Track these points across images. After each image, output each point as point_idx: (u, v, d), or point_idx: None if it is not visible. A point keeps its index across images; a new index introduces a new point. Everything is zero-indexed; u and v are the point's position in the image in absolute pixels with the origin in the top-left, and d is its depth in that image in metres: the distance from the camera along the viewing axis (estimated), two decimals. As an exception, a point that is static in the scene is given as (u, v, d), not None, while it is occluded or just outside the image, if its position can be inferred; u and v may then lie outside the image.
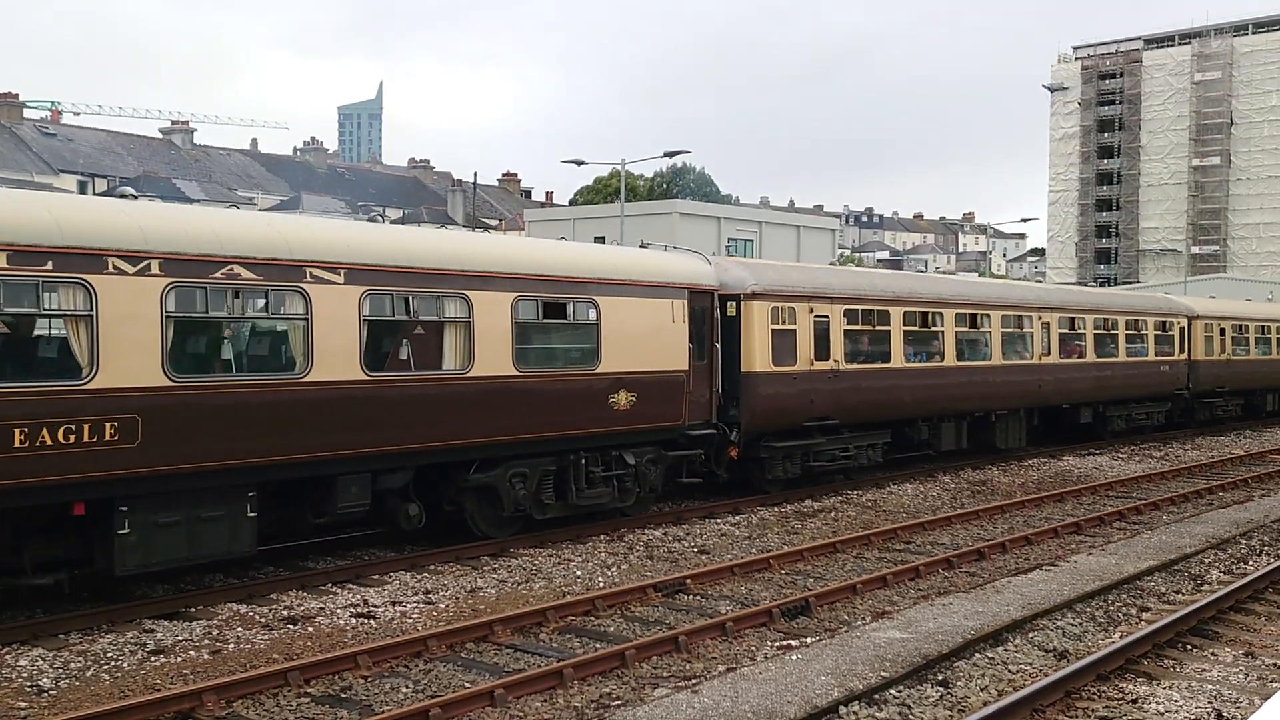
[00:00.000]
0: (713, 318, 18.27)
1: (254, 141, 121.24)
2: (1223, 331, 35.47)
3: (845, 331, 20.84)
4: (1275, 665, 10.56)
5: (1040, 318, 27.05)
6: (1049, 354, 27.22)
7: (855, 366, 21.17)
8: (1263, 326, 39.32)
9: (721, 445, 18.79)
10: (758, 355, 19.08)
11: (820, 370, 20.23)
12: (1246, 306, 42.15)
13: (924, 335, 23.37)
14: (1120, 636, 11.35)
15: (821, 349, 20.27)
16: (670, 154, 48.55)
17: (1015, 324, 26.30)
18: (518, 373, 15.00)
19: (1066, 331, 28.19)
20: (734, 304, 18.95)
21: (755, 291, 19.17)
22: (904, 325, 22.50)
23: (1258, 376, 38.69)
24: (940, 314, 23.66)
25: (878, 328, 21.88)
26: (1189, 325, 33.73)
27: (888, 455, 22.72)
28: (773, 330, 19.33)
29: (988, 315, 25.21)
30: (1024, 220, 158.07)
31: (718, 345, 18.34)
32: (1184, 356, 33.10)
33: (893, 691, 9.49)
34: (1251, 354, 37.54)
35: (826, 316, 20.46)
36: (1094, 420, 30.02)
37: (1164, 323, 32.32)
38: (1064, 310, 28.42)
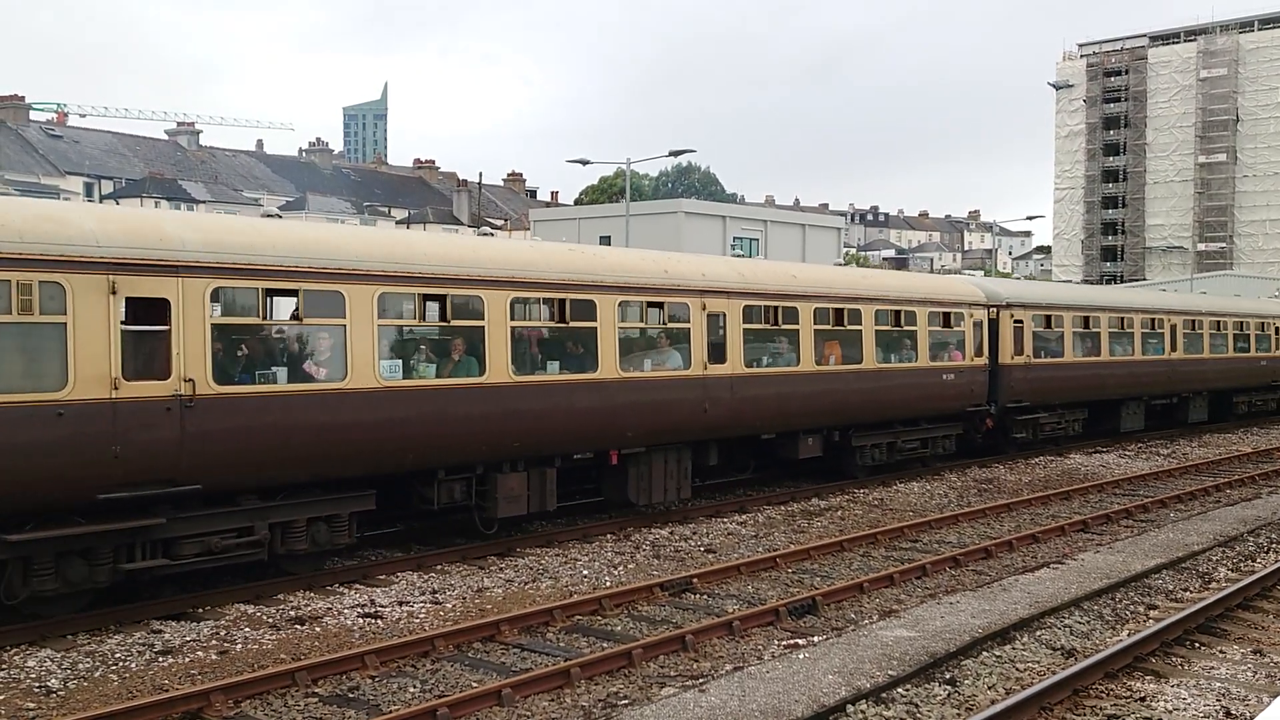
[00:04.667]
0: None
1: (259, 143, 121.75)
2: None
3: None
4: (1284, 663, 10.53)
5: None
6: None
7: None
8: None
9: None
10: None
11: None
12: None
13: None
14: (1128, 634, 11.33)
15: None
16: (675, 153, 48.43)
17: None
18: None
19: None
20: None
21: None
22: None
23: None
24: None
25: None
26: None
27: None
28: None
29: None
30: (1030, 218, 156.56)
31: None
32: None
33: (900, 690, 9.48)
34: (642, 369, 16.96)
35: None
36: None
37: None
38: None
